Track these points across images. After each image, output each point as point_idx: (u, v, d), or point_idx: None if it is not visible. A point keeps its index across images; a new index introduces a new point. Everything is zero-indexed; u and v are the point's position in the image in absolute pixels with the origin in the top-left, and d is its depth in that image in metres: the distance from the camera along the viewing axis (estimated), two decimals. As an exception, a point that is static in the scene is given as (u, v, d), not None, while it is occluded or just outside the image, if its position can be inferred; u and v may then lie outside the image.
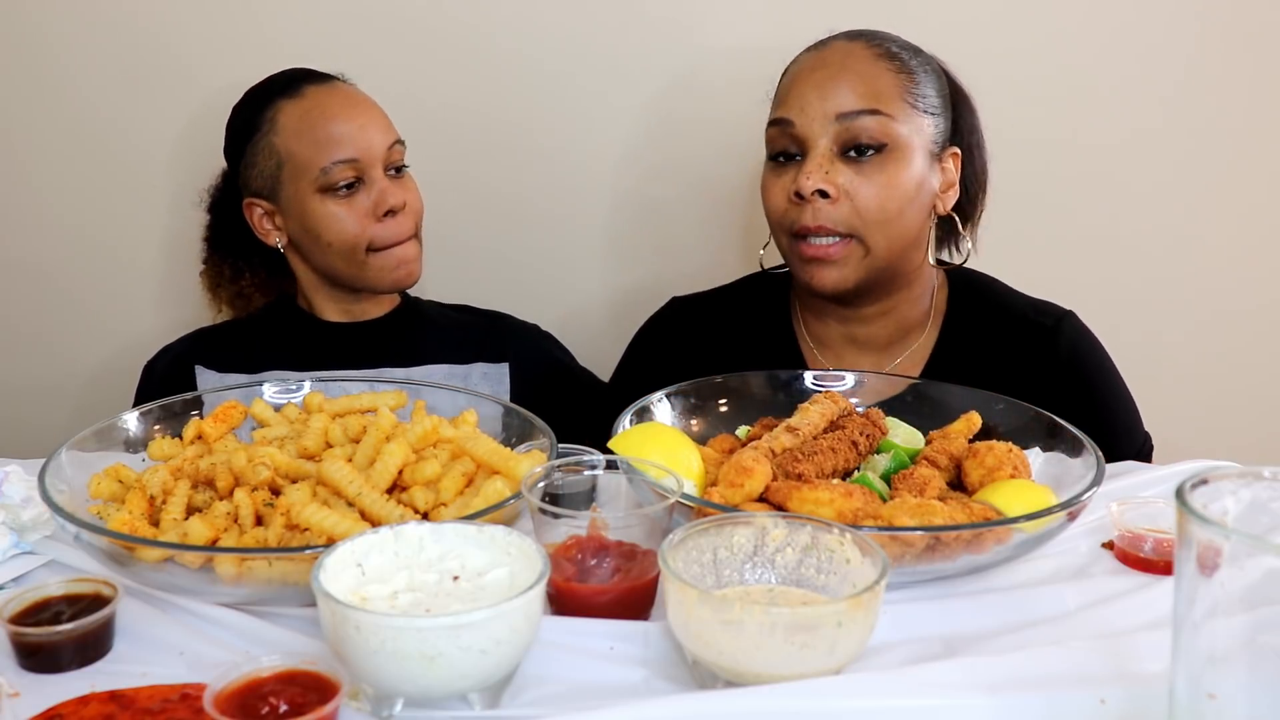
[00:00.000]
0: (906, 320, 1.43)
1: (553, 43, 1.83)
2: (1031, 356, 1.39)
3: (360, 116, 1.53)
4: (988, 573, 1.01)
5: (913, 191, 1.32)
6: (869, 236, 1.31)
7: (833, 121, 1.30)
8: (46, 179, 1.88)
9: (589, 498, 1.05)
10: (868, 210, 1.30)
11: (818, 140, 1.31)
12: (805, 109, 1.31)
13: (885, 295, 1.40)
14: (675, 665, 0.86)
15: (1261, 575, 0.61)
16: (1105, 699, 0.78)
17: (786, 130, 1.33)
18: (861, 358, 1.45)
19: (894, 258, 1.34)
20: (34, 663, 0.86)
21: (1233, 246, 1.92)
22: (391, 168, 1.56)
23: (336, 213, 1.51)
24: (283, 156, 1.52)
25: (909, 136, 1.31)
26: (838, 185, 1.29)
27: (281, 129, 1.52)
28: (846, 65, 1.32)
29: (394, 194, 1.53)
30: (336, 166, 1.50)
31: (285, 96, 1.54)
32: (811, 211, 1.30)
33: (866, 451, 1.14)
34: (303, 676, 0.77)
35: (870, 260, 1.33)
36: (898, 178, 1.30)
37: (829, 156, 1.30)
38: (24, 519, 1.04)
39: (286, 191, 1.53)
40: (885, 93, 1.31)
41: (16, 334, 1.95)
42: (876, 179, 1.30)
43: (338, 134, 1.50)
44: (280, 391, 1.27)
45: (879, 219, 1.30)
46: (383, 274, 1.56)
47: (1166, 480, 1.21)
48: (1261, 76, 1.84)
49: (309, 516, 0.94)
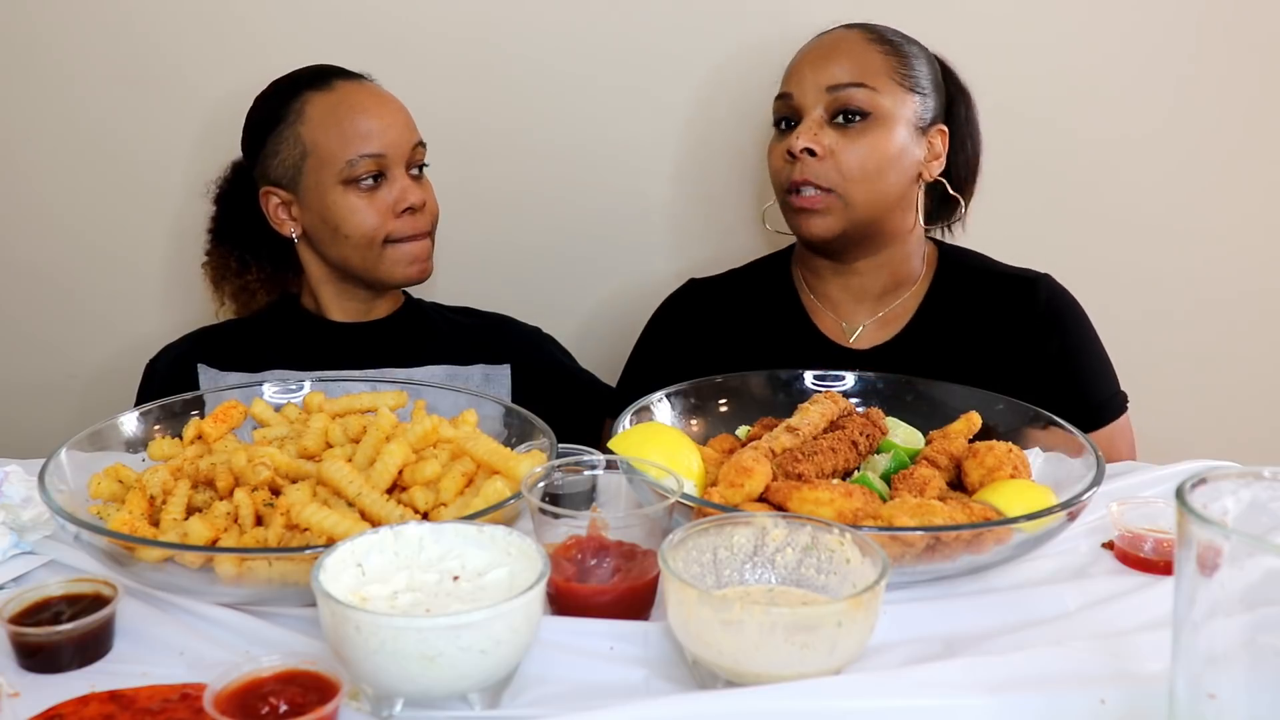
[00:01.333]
0: (898, 274, 1.57)
1: (554, 44, 1.83)
2: (1012, 307, 1.54)
3: (388, 114, 1.55)
4: (988, 573, 1.01)
5: (893, 156, 1.47)
6: (848, 192, 1.46)
7: (824, 92, 1.47)
8: (48, 181, 1.88)
9: (589, 498, 1.05)
10: (849, 169, 1.45)
11: (811, 109, 1.48)
12: (802, 82, 1.49)
13: (874, 250, 1.54)
14: (675, 665, 0.86)
15: (1261, 575, 0.61)
16: (1105, 699, 0.78)
17: (787, 102, 1.51)
18: (859, 308, 1.58)
19: (876, 213, 1.48)
20: (34, 663, 0.86)
21: (1234, 246, 1.92)
22: (414, 167, 1.58)
23: (357, 205, 1.53)
24: (308, 147, 1.53)
25: (892, 109, 1.47)
26: (824, 145, 1.45)
27: (309, 119, 1.54)
28: (840, 47, 1.50)
29: (414, 192, 1.56)
30: (362, 160, 1.52)
31: (314, 89, 1.55)
32: (800, 167, 1.46)
33: (866, 451, 1.14)
34: (303, 676, 0.77)
35: (850, 213, 1.47)
36: (879, 143, 1.46)
37: (819, 122, 1.47)
38: (24, 519, 1.04)
39: (308, 181, 1.54)
40: (872, 69, 1.47)
41: (17, 334, 1.95)
42: (859, 142, 1.45)
43: (365, 129, 1.52)
44: (280, 391, 1.27)
45: (858, 177, 1.45)
46: (396, 267, 1.57)
47: (1166, 480, 1.21)
48: (1262, 73, 1.84)
49: (309, 516, 0.94)
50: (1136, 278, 1.92)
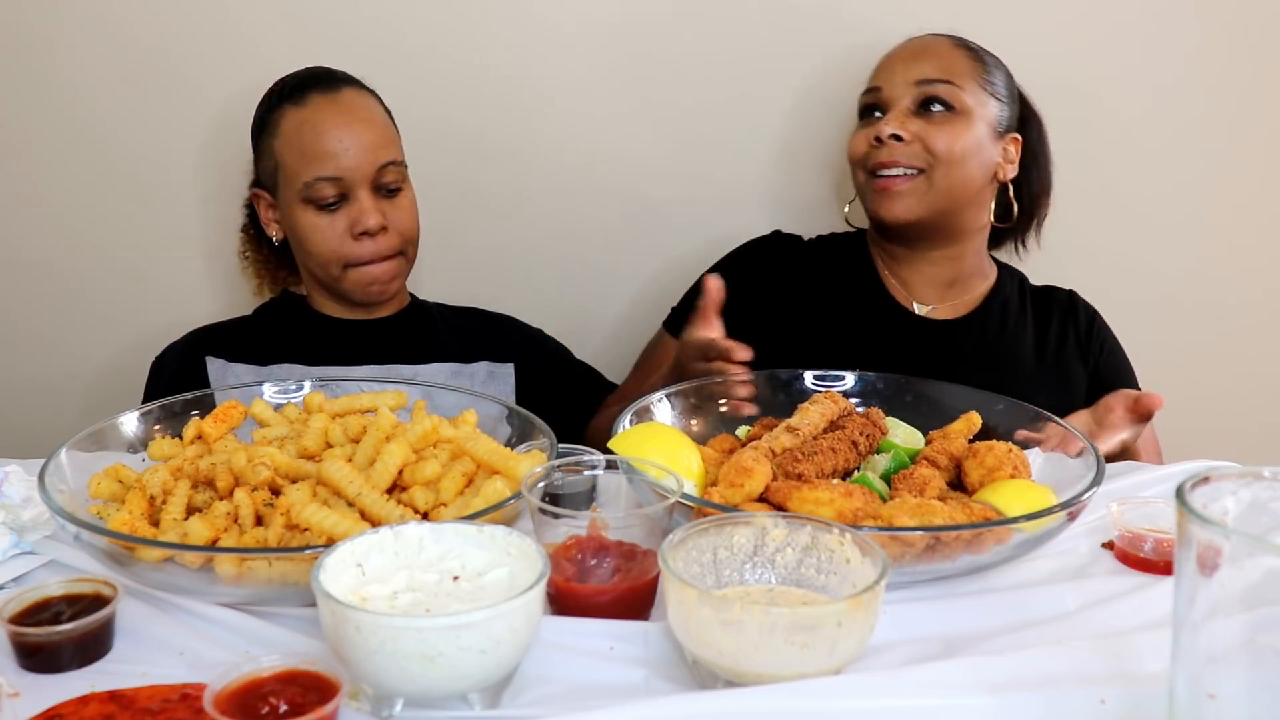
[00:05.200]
0: (965, 269, 1.66)
1: (556, 45, 1.83)
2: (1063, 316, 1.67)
3: (351, 135, 1.52)
4: (988, 573, 1.01)
5: (974, 148, 1.55)
6: (934, 171, 1.54)
7: (912, 86, 1.56)
8: (49, 181, 1.88)
9: (589, 498, 1.05)
10: (935, 149, 1.53)
11: (899, 100, 1.57)
12: (892, 77, 1.59)
13: (946, 243, 1.62)
14: (675, 665, 0.86)
15: (1261, 575, 0.61)
16: (1105, 699, 0.78)
17: (876, 95, 1.60)
18: (929, 291, 1.66)
19: (955, 201, 1.56)
20: (34, 663, 0.86)
21: (1235, 246, 1.92)
22: (382, 188, 1.55)
23: (318, 224, 1.54)
24: (279, 160, 1.55)
25: (974, 107, 1.55)
26: (911, 131, 1.54)
27: (281, 134, 1.55)
28: (928, 47, 1.60)
29: (373, 216, 1.52)
30: (320, 183, 1.51)
31: (291, 102, 1.55)
32: (886, 151, 1.54)
33: (866, 451, 1.14)
34: (303, 676, 0.77)
35: (933, 196, 1.54)
36: (962, 133, 1.54)
37: (906, 112, 1.56)
38: (24, 519, 1.04)
39: (281, 194, 1.57)
40: (958, 70, 1.56)
41: (18, 333, 1.95)
42: (944, 128, 1.54)
43: (326, 149, 1.51)
44: (280, 391, 1.27)
45: (945, 159, 1.53)
46: (355, 289, 1.59)
47: (1166, 480, 1.21)
48: (1264, 71, 1.84)
49: (309, 516, 0.94)
50: (1137, 277, 1.92)
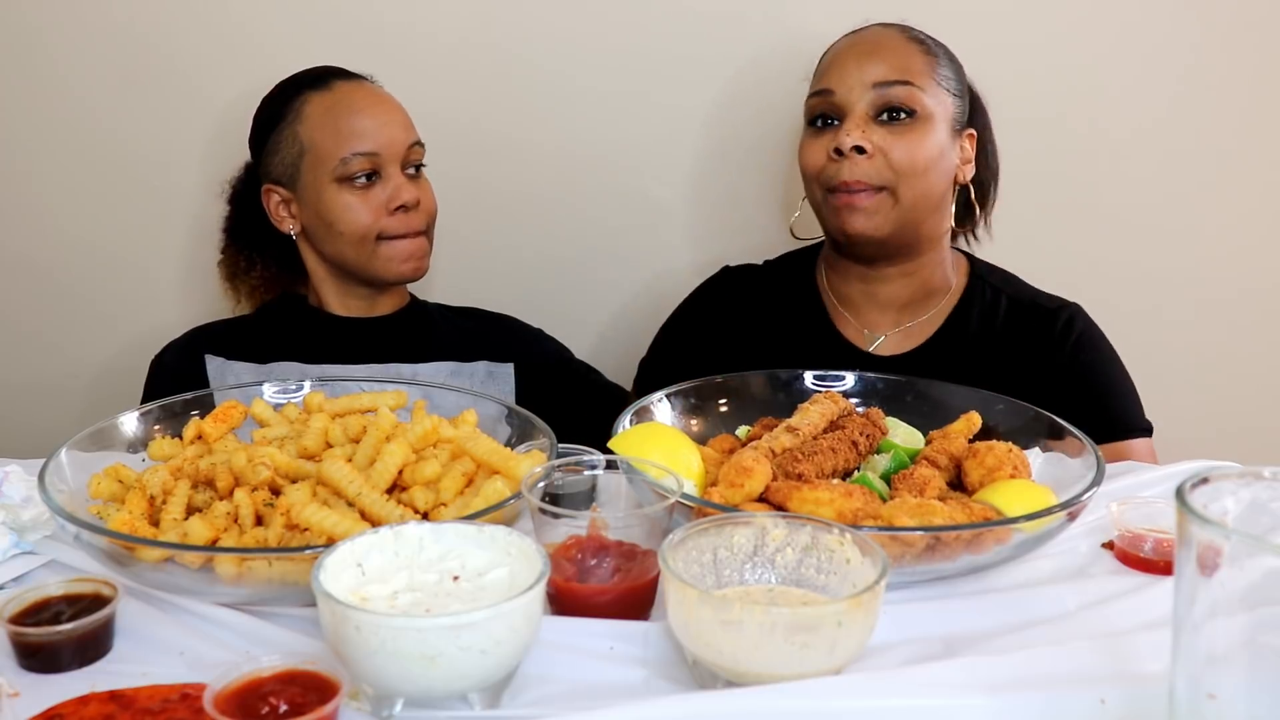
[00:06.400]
0: (926, 284, 1.54)
1: (560, 46, 1.83)
2: (1036, 338, 1.50)
3: (383, 114, 1.58)
4: (988, 573, 1.01)
5: (937, 155, 1.45)
6: (899, 187, 1.43)
7: (869, 89, 1.44)
8: (50, 181, 1.88)
9: (589, 498, 1.05)
10: (900, 164, 1.42)
11: (855, 105, 1.44)
12: (845, 79, 1.46)
13: (907, 257, 1.51)
14: (675, 665, 0.85)
15: (1261, 575, 0.61)
16: (1105, 699, 0.78)
17: (827, 98, 1.47)
18: (882, 317, 1.56)
19: (920, 214, 1.46)
20: (34, 663, 0.86)
21: (1235, 245, 1.92)
22: (409, 166, 1.60)
23: (351, 202, 1.56)
24: (305, 145, 1.57)
25: (934, 108, 1.45)
26: (873, 143, 1.43)
27: (307, 118, 1.57)
28: (881, 43, 1.47)
29: (408, 190, 1.58)
30: (355, 158, 1.54)
31: (314, 89, 1.59)
32: (849, 167, 1.43)
33: (866, 451, 1.13)
34: (303, 676, 0.77)
35: (899, 211, 1.44)
36: (925, 140, 1.44)
37: (865, 118, 1.44)
38: (24, 519, 1.04)
39: (305, 179, 1.57)
40: (915, 68, 1.45)
41: (18, 333, 1.95)
42: (907, 138, 1.43)
43: (360, 128, 1.55)
44: (280, 391, 1.27)
45: (909, 172, 1.43)
46: (390, 264, 1.59)
47: (1166, 480, 1.21)
48: (1264, 71, 1.84)
49: (309, 516, 0.94)
50: (1137, 276, 1.92)
